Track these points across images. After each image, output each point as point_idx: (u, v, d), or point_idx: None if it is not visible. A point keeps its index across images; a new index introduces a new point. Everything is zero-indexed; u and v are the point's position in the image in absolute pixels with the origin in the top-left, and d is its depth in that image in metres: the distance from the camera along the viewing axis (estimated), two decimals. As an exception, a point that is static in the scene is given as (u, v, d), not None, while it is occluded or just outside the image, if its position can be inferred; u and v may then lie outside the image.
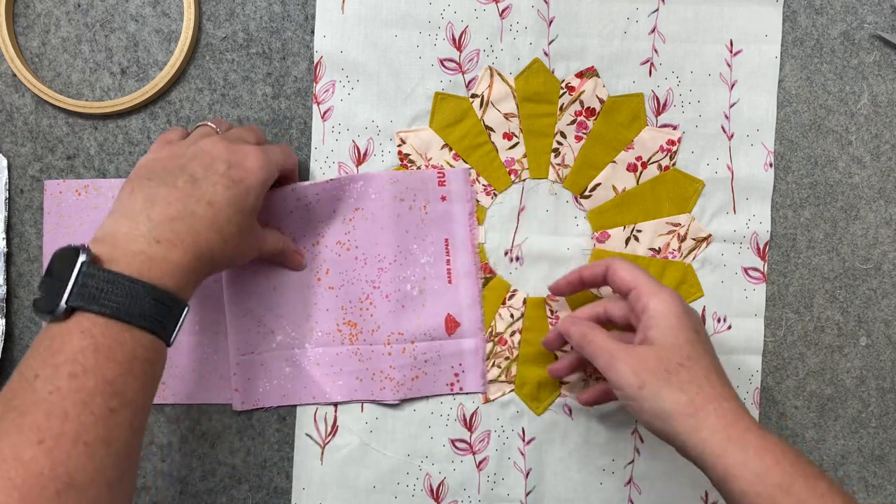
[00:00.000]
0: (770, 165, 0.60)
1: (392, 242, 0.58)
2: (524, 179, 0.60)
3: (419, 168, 0.59)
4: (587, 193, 0.60)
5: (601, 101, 0.59)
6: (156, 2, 0.59)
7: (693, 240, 0.60)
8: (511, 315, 0.60)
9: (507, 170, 0.60)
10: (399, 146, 0.59)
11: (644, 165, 0.60)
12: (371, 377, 0.58)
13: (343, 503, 0.59)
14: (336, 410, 0.59)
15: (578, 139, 0.60)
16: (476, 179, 0.60)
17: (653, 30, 0.59)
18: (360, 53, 0.59)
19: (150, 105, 0.60)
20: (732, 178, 0.60)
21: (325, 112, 0.59)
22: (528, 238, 0.60)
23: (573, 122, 0.60)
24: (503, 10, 0.59)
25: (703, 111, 0.60)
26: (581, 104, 0.59)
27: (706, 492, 0.60)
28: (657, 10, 0.59)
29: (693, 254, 0.60)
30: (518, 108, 0.59)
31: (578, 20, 0.59)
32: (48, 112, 0.60)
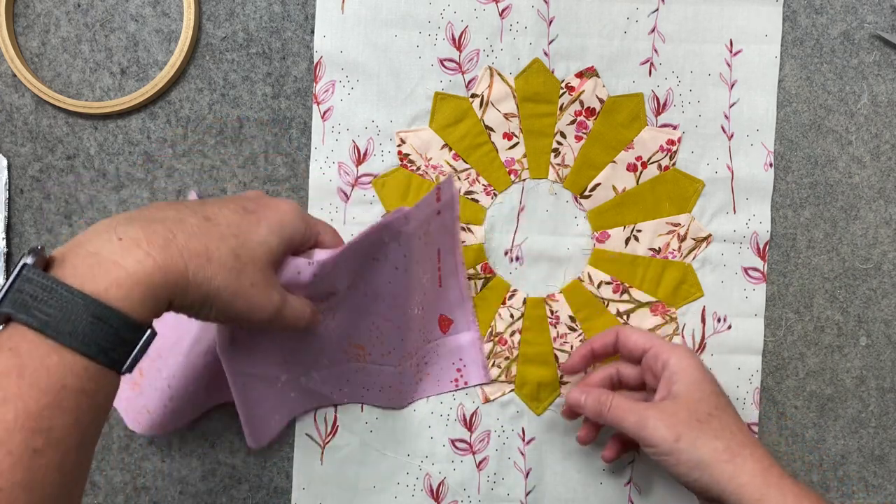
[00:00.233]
0: (770, 165, 0.60)
1: (406, 279, 0.55)
2: (524, 179, 0.60)
3: (418, 168, 0.59)
4: (587, 193, 0.60)
5: (601, 101, 0.59)
6: (156, 2, 0.59)
7: (693, 240, 0.60)
8: (511, 315, 0.60)
9: (507, 170, 0.60)
10: (399, 146, 0.59)
11: (644, 165, 0.60)
12: (379, 389, 0.58)
13: (343, 503, 0.59)
14: (336, 410, 0.59)
15: (578, 139, 0.60)
16: (476, 179, 0.60)
17: (653, 30, 0.59)
18: (360, 53, 0.59)
19: (150, 105, 0.60)
20: (732, 178, 0.60)
21: (325, 112, 0.59)
22: (528, 238, 0.60)
23: (573, 122, 0.60)
24: (503, 10, 0.59)
25: (703, 111, 0.60)
26: (581, 104, 0.59)
27: (706, 492, 0.60)
28: (657, 10, 0.59)
29: (693, 254, 0.60)
30: (518, 108, 0.59)
31: (578, 20, 0.59)
32: (48, 112, 0.60)
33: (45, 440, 0.34)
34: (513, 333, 0.60)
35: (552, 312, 0.60)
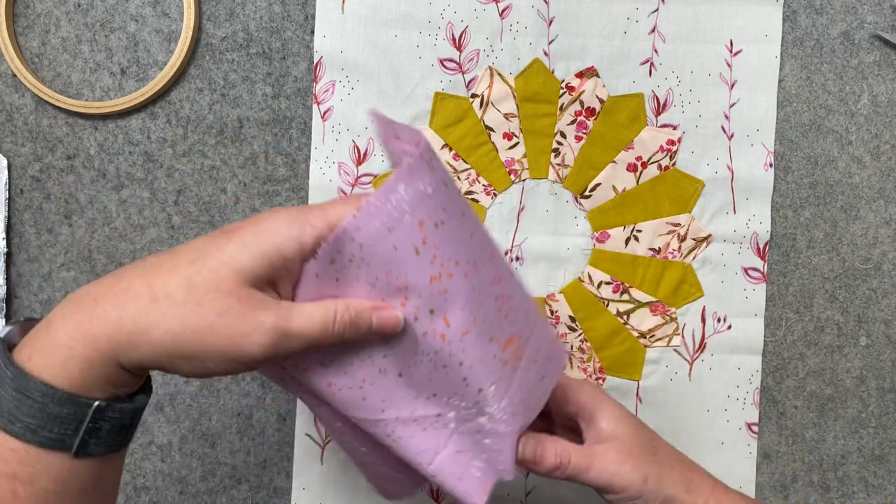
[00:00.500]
0: (770, 165, 0.60)
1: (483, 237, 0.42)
2: (524, 179, 0.60)
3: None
4: (587, 193, 0.60)
5: (601, 101, 0.60)
6: (156, 2, 0.59)
7: (693, 240, 0.60)
8: (511, 315, 0.60)
9: (507, 170, 0.60)
10: (399, 146, 0.59)
11: (644, 165, 0.60)
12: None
13: (343, 503, 0.59)
14: (336, 410, 0.59)
15: (578, 139, 0.60)
16: (476, 179, 0.60)
17: (653, 30, 0.59)
18: (360, 53, 0.59)
19: (150, 105, 0.60)
20: (732, 178, 0.60)
21: (325, 112, 0.59)
22: (528, 238, 0.60)
23: (573, 122, 0.60)
24: (503, 10, 0.59)
25: (703, 111, 0.60)
26: (581, 104, 0.59)
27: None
28: (657, 10, 0.59)
29: (693, 254, 0.60)
30: (518, 108, 0.59)
31: (578, 20, 0.59)
32: (48, 112, 0.60)
33: None
34: (513, 333, 0.60)
35: (552, 312, 0.60)
